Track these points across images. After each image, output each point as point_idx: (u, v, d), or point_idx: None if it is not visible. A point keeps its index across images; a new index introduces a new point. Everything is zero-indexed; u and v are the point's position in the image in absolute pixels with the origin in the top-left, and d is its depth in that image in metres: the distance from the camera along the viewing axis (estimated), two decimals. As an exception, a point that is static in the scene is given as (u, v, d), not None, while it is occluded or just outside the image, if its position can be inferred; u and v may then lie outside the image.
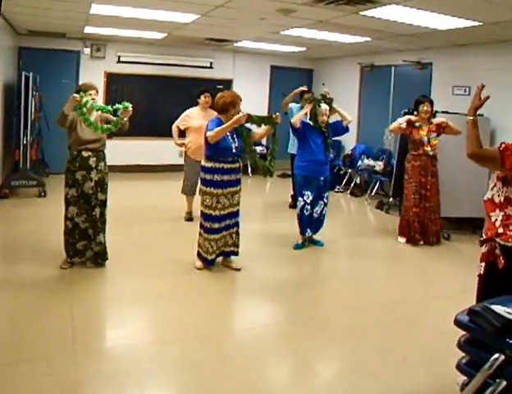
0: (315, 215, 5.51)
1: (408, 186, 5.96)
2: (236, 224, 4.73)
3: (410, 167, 5.91)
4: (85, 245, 4.47)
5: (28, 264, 4.46)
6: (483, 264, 2.71)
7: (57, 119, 4.28)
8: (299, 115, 5.39)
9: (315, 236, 5.69)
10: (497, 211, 2.65)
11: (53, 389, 2.74)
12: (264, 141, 10.87)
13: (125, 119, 4.36)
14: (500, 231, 2.61)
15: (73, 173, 4.35)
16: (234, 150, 4.50)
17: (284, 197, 7.81)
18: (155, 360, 3.13)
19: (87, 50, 9.31)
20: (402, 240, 6.01)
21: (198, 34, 8.07)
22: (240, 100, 4.58)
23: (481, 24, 5.59)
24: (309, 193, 5.42)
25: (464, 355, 2.17)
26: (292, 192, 6.93)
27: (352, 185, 9.03)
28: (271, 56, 10.59)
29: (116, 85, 9.63)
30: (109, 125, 4.35)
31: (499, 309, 2.03)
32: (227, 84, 10.27)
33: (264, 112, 10.96)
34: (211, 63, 10.34)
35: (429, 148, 5.80)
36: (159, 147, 9.55)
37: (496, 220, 2.65)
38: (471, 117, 2.72)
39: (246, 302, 4.22)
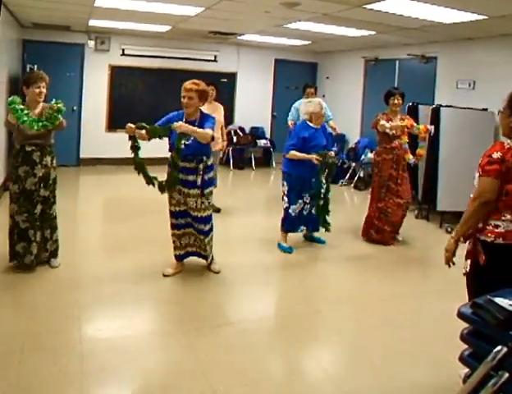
0: (304, 212, 5.27)
1: (376, 179, 5.66)
2: (190, 225, 4.35)
3: (381, 160, 5.56)
4: (25, 247, 4.16)
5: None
6: (469, 262, 2.69)
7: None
8: (299, 156, 5.03)
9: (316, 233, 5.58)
10: None
11: (59, 378, 2.77)
12: (268, 135, 10.89)
13: (61, 119, 4.19)
14: (481, 226, 2.63)
15: (16, 168, 4.12)
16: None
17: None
18: (158, 350, 3.17)
19: (91, 43, 9.31)
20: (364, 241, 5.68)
21: (202, 27, 8.06)
22: (186, 89, 4.19)
23: (485, 17, 5.57)
24: (307, 194, 5.19)
25: (466, 347, 2.18)
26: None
27: (356, 178, 9.04)
28: (275, 49, 10.57)
29: (121, 78, 9.65)
30: (46, 123, 4.07)
31: (502, 301, 2.03)
32: (231, 77, 10.26)
33: (268, 106, 10.98)
34: (215, 56, 10.33)
35: (404, 139, 5.48)
36: (163, 139, 9.52)
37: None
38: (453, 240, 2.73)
39: (244, 295, 4.21)
